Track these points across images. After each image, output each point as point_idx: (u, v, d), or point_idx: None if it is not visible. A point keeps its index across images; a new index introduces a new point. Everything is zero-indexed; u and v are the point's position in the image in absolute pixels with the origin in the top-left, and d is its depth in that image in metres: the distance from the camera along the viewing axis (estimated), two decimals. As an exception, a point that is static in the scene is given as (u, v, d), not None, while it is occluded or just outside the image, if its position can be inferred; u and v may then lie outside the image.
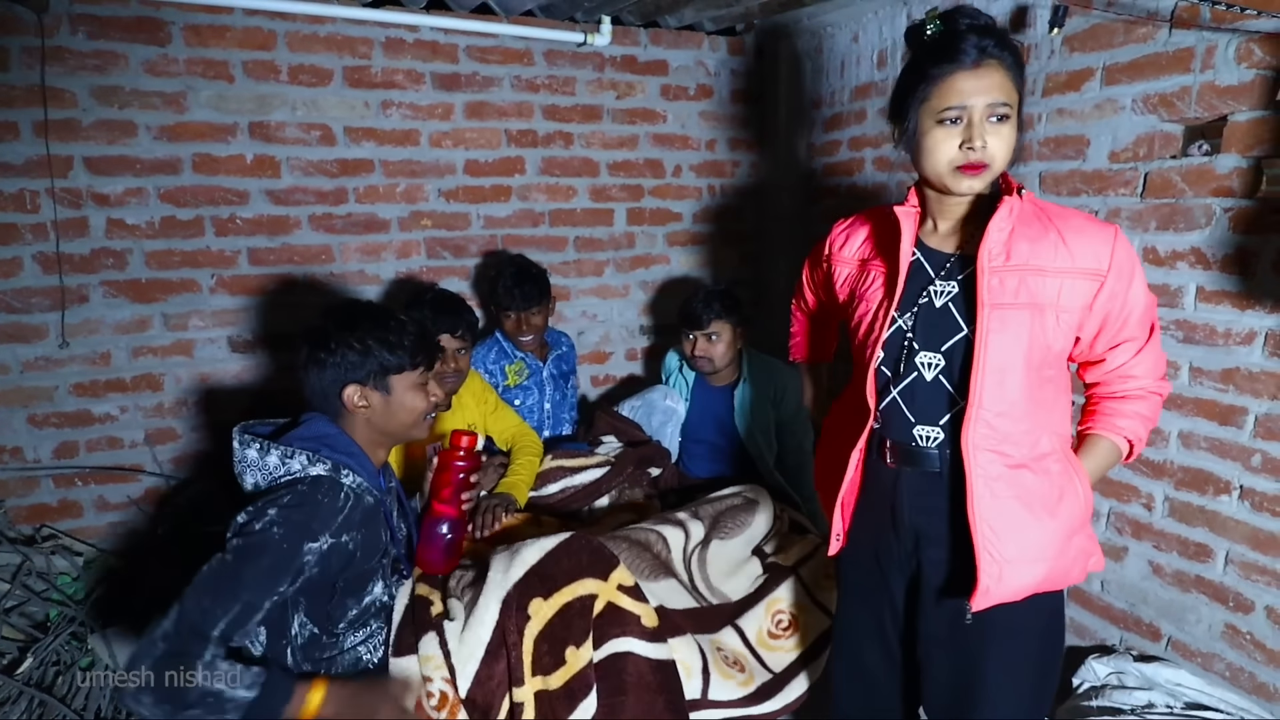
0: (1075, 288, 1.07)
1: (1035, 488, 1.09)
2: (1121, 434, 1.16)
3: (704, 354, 2.17)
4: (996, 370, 1.06)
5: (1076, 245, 1.07)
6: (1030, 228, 1.08)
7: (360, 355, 1.27)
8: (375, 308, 1.36)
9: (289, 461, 1.23)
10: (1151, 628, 1.86)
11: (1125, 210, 1.81)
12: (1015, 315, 1.06)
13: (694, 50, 2.74)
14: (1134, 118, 1.77)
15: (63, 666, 1.79)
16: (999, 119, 1.03)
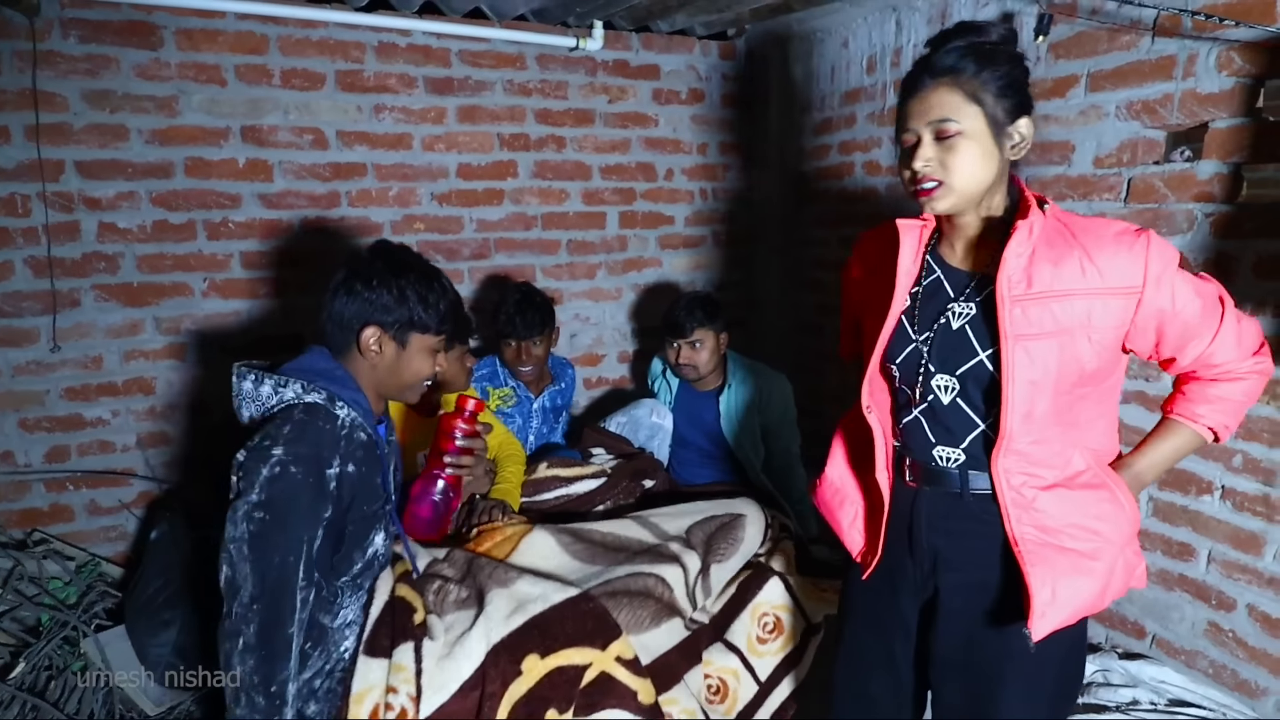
0: (1108, 307, 1.02)
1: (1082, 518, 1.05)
2: (1199, 421, 1.10)
3: (688, 361, 2.18)
4: (1024, 402, 1.02)
5: (1105, 262, 1.01)
6: (1054, 248, 1.02)
7: (395, 300, 1.24)
8: (425, 263, 1.33)
9: (282, 390, 1.20)
10: (1136, 626, 1.89)
11: (1109, 215, 1.84)
12: (1041, 345, 1.01)
13: (685, 55, 2.76)
14: (1118, 124, 1.80)
15: (55, 671, 1.79)
16: (948, 137, 1.00)
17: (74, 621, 1.88)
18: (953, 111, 1.00)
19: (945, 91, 1.00)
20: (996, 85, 1.00)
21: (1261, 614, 1.64)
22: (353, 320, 1.25)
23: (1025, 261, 1.02)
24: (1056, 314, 1.01)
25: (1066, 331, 1.01)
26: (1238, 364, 1.07)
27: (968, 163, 1.00)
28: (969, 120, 1.00)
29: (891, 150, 2.46)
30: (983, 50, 1.01)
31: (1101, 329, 1.02)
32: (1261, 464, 1.61)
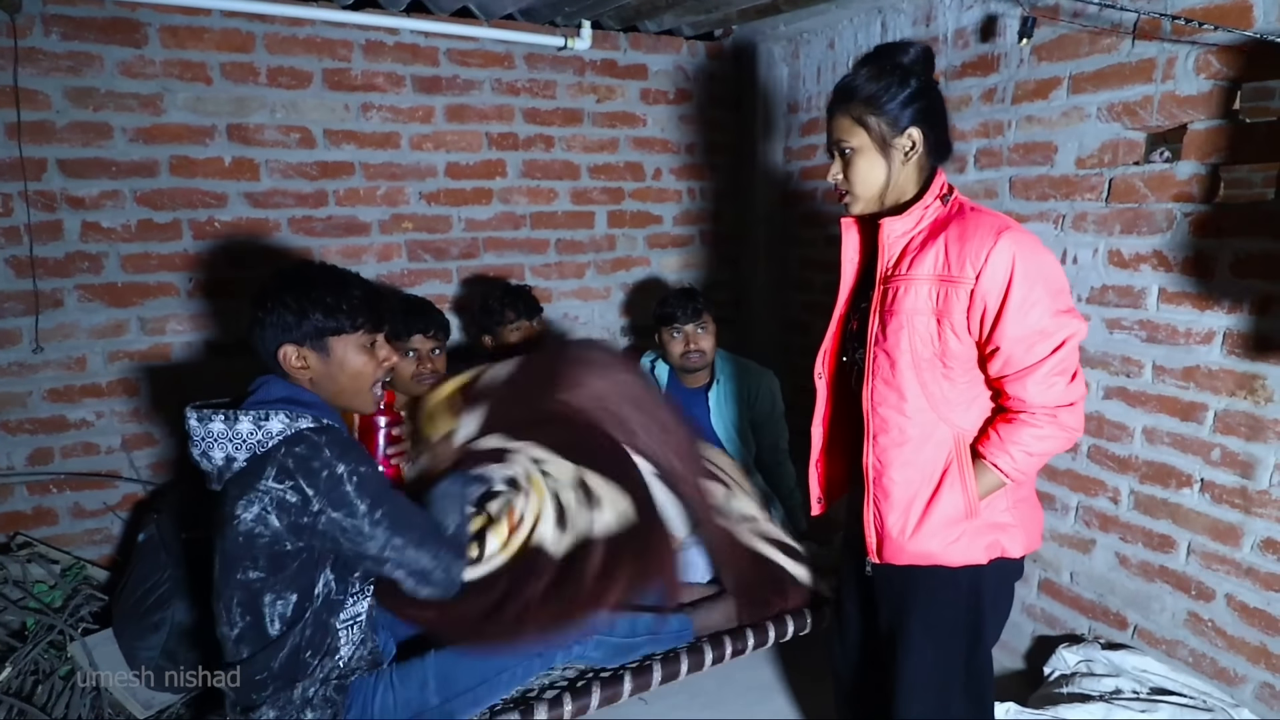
0: (950, 294, 1.17)
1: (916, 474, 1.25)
2: (992, 460, 1.23)
3: (696, 347, 2.18)
4: (882, 369, 1.25)
5: (955, 252, 1.17)
6: (931, 236, 1.21)
7: (295, 315, 1.25)
8: (320, 268, 1.32)
9: (264, 424, 1.19)
10: (1118, 617, 1.93)
11: (1091, 215, 1.88)
12: (893, 321, 1.23)
13: (673, 55, 2.77)
14: (1099, 125, 1.84)
15: (41, 675, 1.77)
16: (847, 153, 1.25)
17: (60, 625, 1.86)
18: (845, 134, 1.24)
19: (840, 117, 1.24)
20: (879, 106, 1.19)
21: (1240, 603, 1.68)
22: (269, 345, 1.27)
23: (899, 247, 1.24)
24: (909, 295, 1.21)
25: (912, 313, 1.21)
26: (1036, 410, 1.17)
27: (860, 173, 1.24)
28: (857, 139, 1.22)
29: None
30: (875, 75, 1.20)
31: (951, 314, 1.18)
32: (1239, 457, 1.65)
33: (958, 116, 2.19)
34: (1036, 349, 1.15)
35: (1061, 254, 1.96)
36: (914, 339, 1.21)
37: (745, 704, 2.02)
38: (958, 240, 1.17)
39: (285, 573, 1.21)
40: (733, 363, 2.32)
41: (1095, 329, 1.90)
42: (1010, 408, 1.21)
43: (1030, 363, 1.15)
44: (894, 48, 1.23)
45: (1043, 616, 2.13)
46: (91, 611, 1.99)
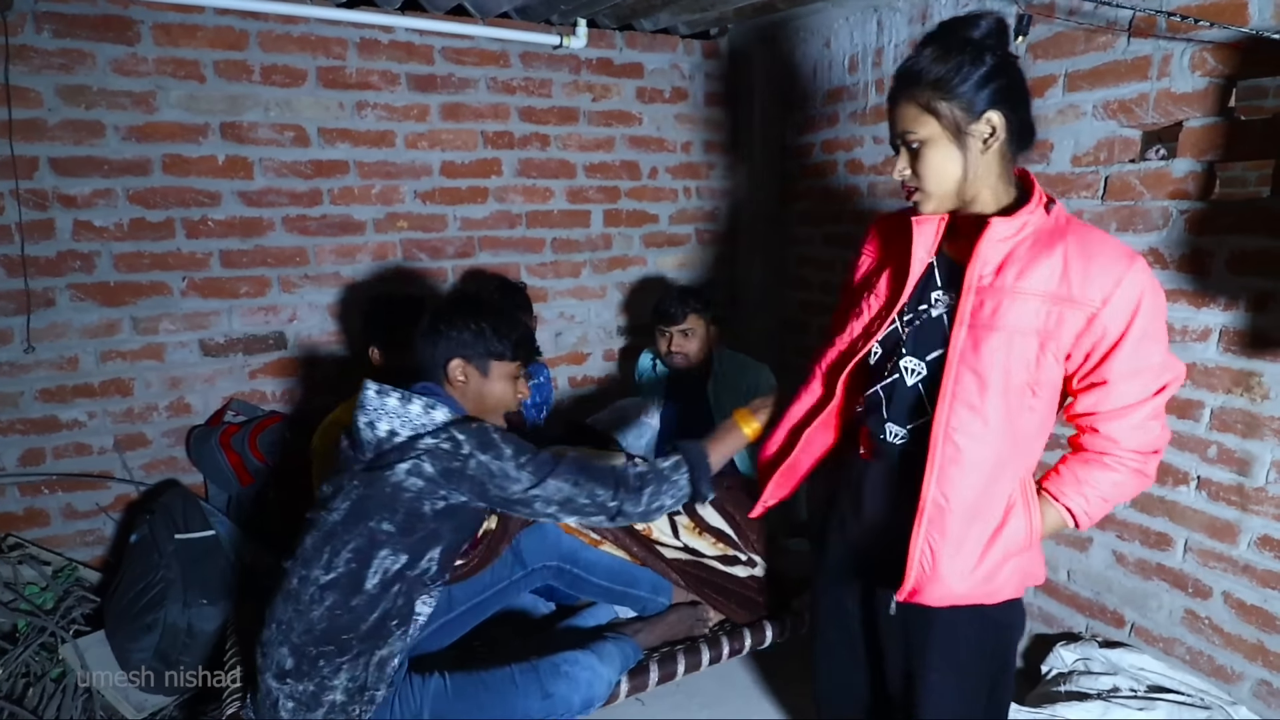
0: (1064, 316, 1.03)
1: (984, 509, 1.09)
2: (1065, 503, 1.14)
3: (679, 350, 2.25)
4: (966, 391, 1.05)
5: (1078, 271, 1.02)
6: (1038, 246, 1.04)
7: (474, 335, 1.42)
8: (494, 301, 1.56)
9: (432, 411, 1.33)
10: (1115, 615, 1.93)
11: (1087, 212, 1.87)
12: (991, 338, 1.04)
13: (669, 53, 2.77)
14: (1095, 123, 1.84)
15: (33, 678, 1.75)
16: (915, 146, 1.08)
17: (52, 627, 1.84)
18: (911, 124, 1.07)
19: (904, 105, 1.08)
20: (950, 89, 1.03)
21: (1237, 601, 1.68)
22: (440, 356, 1.42)
23: (1000, 255, 1.05)
24: (1013, 311, 1.04)
25: (1018, 331, 1.04)
26: (1125, 452, 1.09)
27: (934, 167, 1.07)
28: (926, 129, 1.06)
29: (873, 149, 2.48)
30: (942, 55, 1.04)
31: (1058, 339, 1.04)
32: (1235, 454, 1.65)
33: (954, 115, 2.19)
34: (1146, 386, 1.06)
35: (1058, 252, 1.95)
36: (1011, 360, 1.04)
37: (744, 704, 2.01)
38: (1082, 257, 1.02)
39: (411, 537, 1.29)
40: (730, 359, 2.34)
41: (1092, 327, 1.90)
42: (1092, 448, 1.12)
43: (1133, 401, 1.06)
44: (962, 21, 1.06)
45: (1040, 615, 2.12)
46: (83, 613, 1.98)
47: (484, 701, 1.38)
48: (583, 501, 1.33)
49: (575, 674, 1.44)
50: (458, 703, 1.37)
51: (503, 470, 1.30)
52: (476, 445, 1.29)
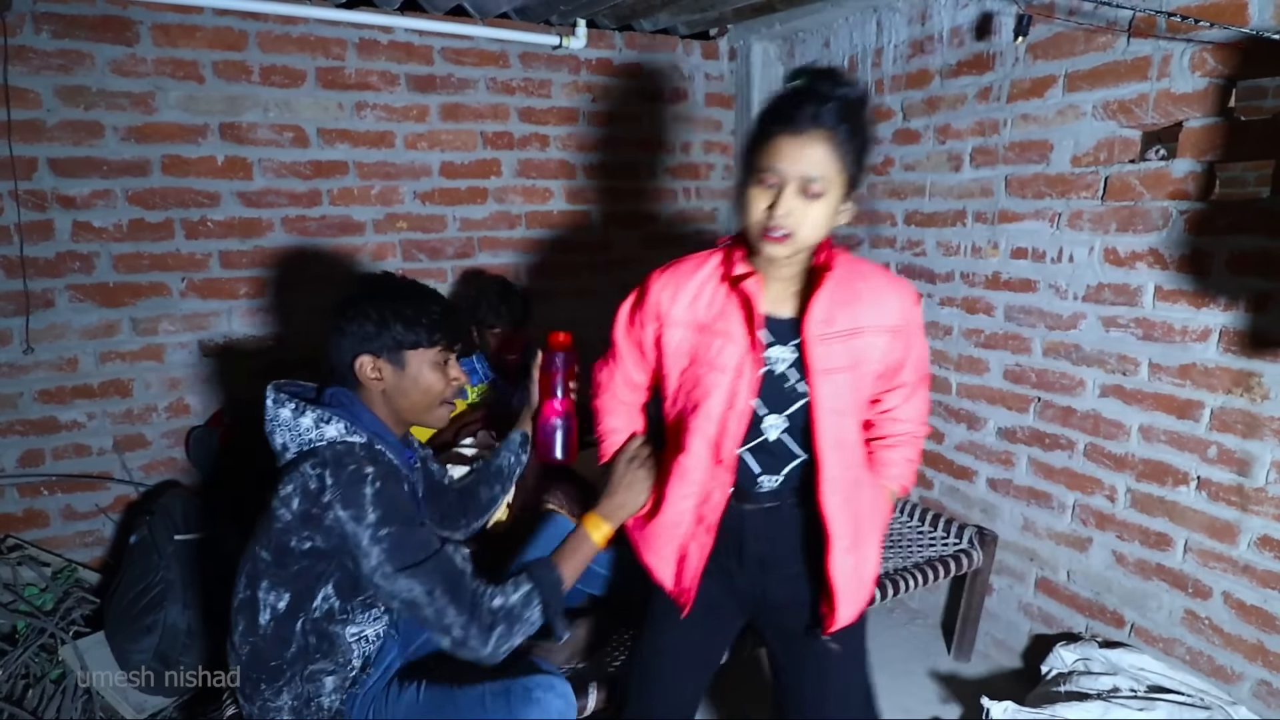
0: (880, 343, 1.16)
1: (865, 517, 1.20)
2: (896, 482, 1.29)
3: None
4: (833, 431, 1.14)
5: (883, 304, 1.16)
6: (845, 290, 1.13)
7: (376, 326, 1.24)
8: (403, 281, 1.32)
9: (324, 426, 1.20)
10: (1115, 615, 1.93)
11: (1087, 213, 1.88)
12: (841, 378, 1.13)
13: (668, 54, 2.77)
14: (1095, 123, 1.84)
15: (32, 679, 1.75)
16: (811, 195, 1.03)
17: (51, 628, 1.84)
18: (824, 170, 1.01)
19: (823, 146, 1.01)
20: (856, 155, 1.04)
21: (1237, 601, 1.68)
22: (346, 355, 1.26)
23: (828, 305, 1.12)
24: (852, 349, 1.14)
25: (856, 365, 1.14)
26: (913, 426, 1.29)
27: (813, 225, 1.05)
28: (831, 182, 1.03)
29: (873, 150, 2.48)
30: (855, 114, 1.03)
31: (877, 361, 1.17)
32: (1235, 455, 1.65)
33: (953, 115, 2.19)
34: (923, 376, 1.28)
35: (1057, 252, 1.96)
36: (860, 391, 1.17)
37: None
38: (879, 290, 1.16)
39: (285, 570, 1.19)
40: None
41: (1091, 327, 1.90)
42: (894, 433, 1.29)
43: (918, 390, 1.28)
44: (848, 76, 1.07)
45: (1040, 615, 2.13)
46: (83, 614, 1.97)
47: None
48: (428, 614, 1.15)
49: (548, 701, 1.31)
50: (426, 716, 1.31)
51: (356, 536, 1.13)
52: (340, 496, 1.13)
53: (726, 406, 1.15)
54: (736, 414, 1.15)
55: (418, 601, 1.14)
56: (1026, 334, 2.06)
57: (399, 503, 1.17)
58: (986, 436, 2.22)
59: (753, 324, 1.12)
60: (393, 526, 1.14)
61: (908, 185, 2.37)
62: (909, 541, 2.22)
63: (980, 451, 2.25)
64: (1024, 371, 2.08)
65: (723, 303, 1.16)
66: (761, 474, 1.21)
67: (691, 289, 1.19)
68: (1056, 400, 2.01)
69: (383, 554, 1.13)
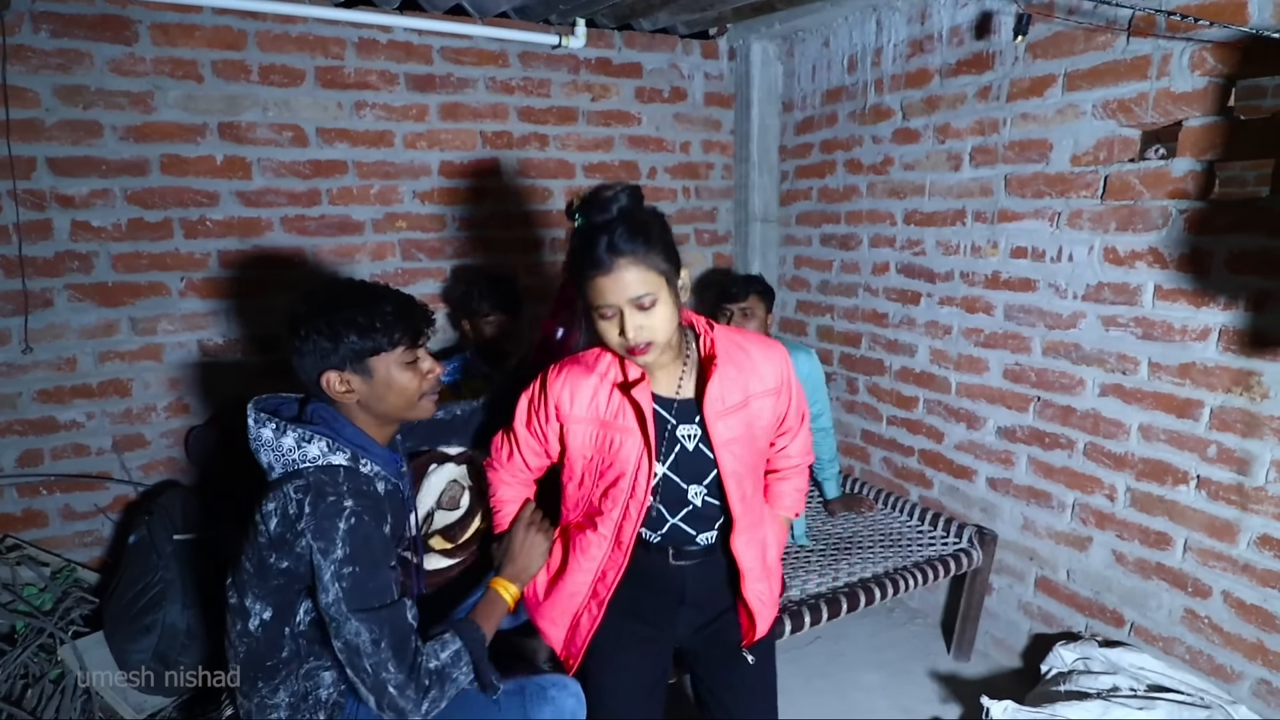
0: (769, 403, 1.34)
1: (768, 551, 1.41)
2: (789, 510, 1.50)
3: (739, 326, 2.28)
4: (739, 489, 1.31)
5: (764, 370, 1.33)
6: (730, 367, 1.29)
7: (330, 340, 1.20)
8: (351, 286, 1.27)
9: (305, 446, 1.19)
10: (1115, 614, 1.93)
11: (1086, 212, 1.87)
12: (739, 444, 1.30)
13: (668, 53, 2.76)
14: (1094, 122, 1.84)
15: (31, 679, 1.75)
16: (647, 307, 1.17)
17: (50, 628, 1.84)
18: (645, 287, 1.16)
19: (638, 270, 1.15)
20: (663, 253, 1.18)
21: (1236, 600, 1.68)
22: (310, 374, 1.23)
23: (720, 385, 1.27)
24: (745, 417, 1.30)
25: (750, 428, 1.31)
26: (799, 459, 1.48)
27: (665, 321, 1.20)
28: (659, 289, 1.18)
29: (872, 149, 2.48)
30: (639, 223, 1.17)
31: (768, 417, 1.34)
32: (1235, 454, 1.65)
33: (952, 114, 2.19)
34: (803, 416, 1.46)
35: (1057, 251, 1.96)
36: (758, 449, 1.35)
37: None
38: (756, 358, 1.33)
39: (266, 584, 1.19)
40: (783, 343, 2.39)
41: (1091, 326, 1.90)
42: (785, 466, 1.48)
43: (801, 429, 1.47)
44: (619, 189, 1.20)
45: (1039, 614, 2.12)
46: (82, 614, 1.97)
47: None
48: (367, 664, 1.12)
49: (562, 700, 1.34)
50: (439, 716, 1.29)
51: (320, 569, 1.12)
52: (313, 527, 1.13)
53: (629, 495, 1.29)
54: (637, 503, 1.29)
55: (362, 649, 1.12)
56: (1026, 333, 2.06)
57: (370, 543, 1.15)
58: (986, 436, 2.22)
59: (645, 426, 1.25)
60: (356, 566, 1.13)
61: (907, 184, 2.37)
62: (908, 541, 2.22)
63: (980, 451, 2.25)
64: (1024, 371, 2.08)
65: (619, 401, 1.28)
66: (698, 534, 1.36)
67: (588, 389, 1.30)
68: (1056, 399, 2.01)
69: (340, 592, 1.12)
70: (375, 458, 1.26)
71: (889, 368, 2.53)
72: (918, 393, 2.44)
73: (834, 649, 2.32)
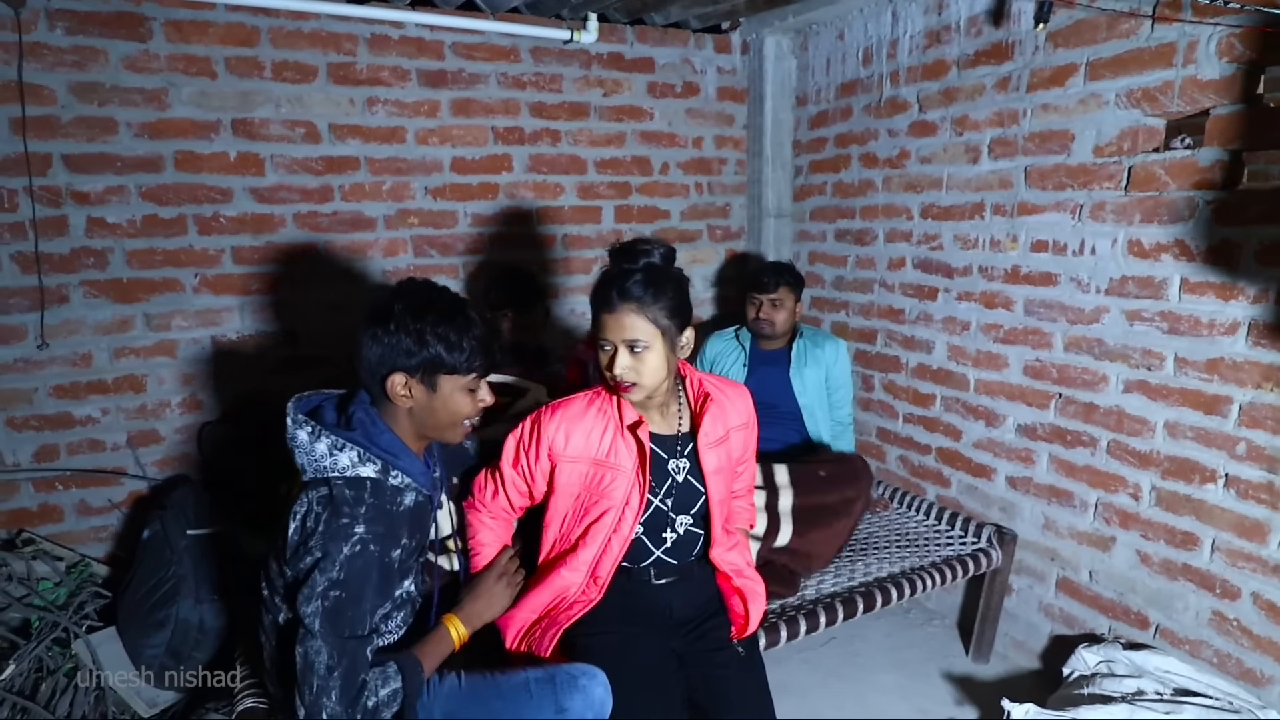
0: (741, 436, 1.50)
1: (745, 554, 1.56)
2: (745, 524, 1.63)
3: (767, 317, 2.33)
4: (721, 513, 1.45)
5: (739, 406, 1.49)
6: (715, 406, 1.42)
7: (415, 343, 1.19)
8: (448, 298, 1.26)
9: (337, 454, 1.19)
10: (1140, 616, 1.88)
11: (1110, 204, 1.83)
12: (723, 473, 1.44)
13: (680, 48, 2.74)
14: (1118, 112, 1.80)
15: (45, 672, 1.75)
16: (638, 350, 1.30)
17: (64, 623, 1.84)
18: (639, 334, 1.30)
19: (634, 317, 1.29)
20: (669, 310, 1.31)
21: (1267, 602, 1.63)
22: (378, 366, 1.21)
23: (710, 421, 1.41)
24: (727, 449, 1.45)
25: (730, 458, 1.46)
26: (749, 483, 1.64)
27: (653, 369, 1.32)
28: (653, 339, 1.30)
29: (888, 142, 2.45)
30: (656, 278, 1.31)
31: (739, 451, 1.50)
32: (1265, 451, 1.60)
33: (971, 106, 2.15)
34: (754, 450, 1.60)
35: (1079, 244, 1.91)
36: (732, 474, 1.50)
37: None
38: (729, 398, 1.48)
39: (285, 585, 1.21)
40: (810, 330, 2.45)
41: (1114, 321, 1.86)
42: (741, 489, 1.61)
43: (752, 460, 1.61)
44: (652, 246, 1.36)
45: (1061, 616, 2.08)
46: (96, 609, 1.98)
47: (496, 709, 1.31)
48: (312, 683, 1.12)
49: (592, 690, 1.32)
50: (470, 704, 1.32)
51: (312, 581, 1.13)
52: (321, 544, 1.14)
53: (613, 530, 1.39)
54: (620, 538, 1.39)
55: (316, 668, 1.12)
56: (1047, 329, 2.02)
57: (365, 574, 1.16)
58: (1006, 433, 2.18)
59: (644, 464, 1.37)
60: (344, 592, 1.14)
61: (924, 178, 2.33)
62: (925, 541, 2.19)
63: (999, 449, 2.20)
64: (1044, 367, 2.04)
65: (613, 441, 1.38)
66: (679, 561, 1.48)
67: (584, 428, 1.39)
68: (1078, 396, 1.96)
69: (320, 609, 1.12)
70: (407, 467, 1.25)
71: (905, 364, 2.50)
72: (935, 390, 2.40)
73: (850, 650, 2.28)
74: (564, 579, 1.42)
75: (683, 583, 1.49)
